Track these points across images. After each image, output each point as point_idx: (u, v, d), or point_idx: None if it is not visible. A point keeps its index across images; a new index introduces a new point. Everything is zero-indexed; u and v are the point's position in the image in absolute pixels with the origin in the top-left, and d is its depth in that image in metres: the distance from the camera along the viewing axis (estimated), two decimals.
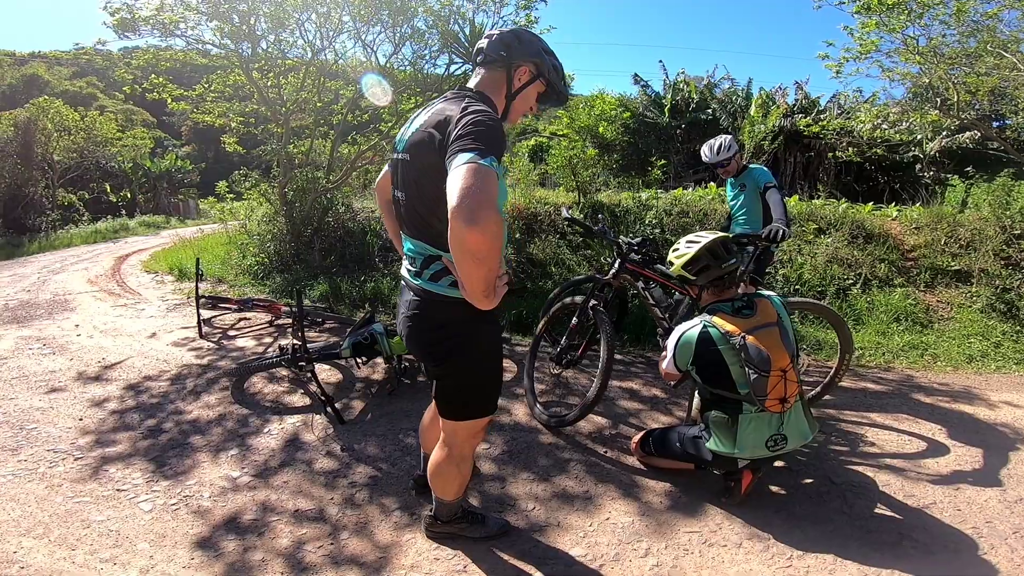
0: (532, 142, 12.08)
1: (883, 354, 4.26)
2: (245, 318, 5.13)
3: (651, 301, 3.02)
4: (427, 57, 5.63)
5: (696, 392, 2.47)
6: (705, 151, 3.67)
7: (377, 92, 5.37)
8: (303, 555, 2.14)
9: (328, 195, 6.41)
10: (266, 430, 3.08)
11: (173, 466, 2.75)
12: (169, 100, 6.10)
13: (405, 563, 2.08)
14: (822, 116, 8.48)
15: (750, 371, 2.06)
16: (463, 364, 1.72)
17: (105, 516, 2.36)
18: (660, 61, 11.79)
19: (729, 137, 3.65)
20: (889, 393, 3.45)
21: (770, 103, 9.19)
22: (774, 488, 2.40)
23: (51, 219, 15.97)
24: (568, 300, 3.11)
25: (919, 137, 7.73)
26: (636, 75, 11.25)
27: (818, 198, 7.16)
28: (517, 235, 6.21)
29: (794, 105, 9.87)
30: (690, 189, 7.66)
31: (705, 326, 2.16)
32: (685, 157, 9.82)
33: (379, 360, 3.64)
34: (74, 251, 11.44)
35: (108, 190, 16.53)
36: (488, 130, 1.40)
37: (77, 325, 5.03)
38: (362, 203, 7.56)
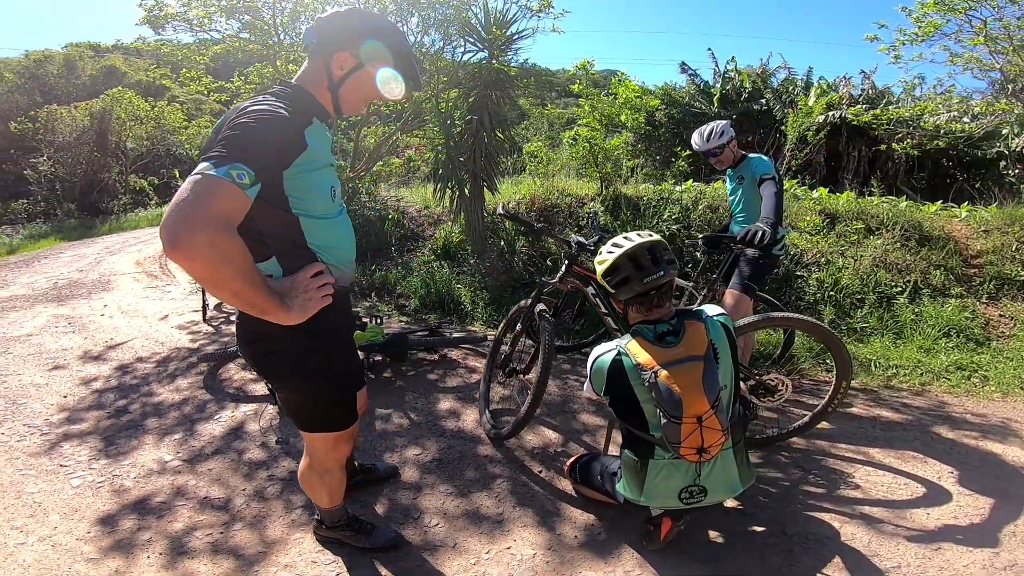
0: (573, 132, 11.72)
1: (920, 374, 3.66)
2: None
3: (603, 309, 2.64)
4: (450, 45, 5.53)
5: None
6: (695, 138, 3.29)
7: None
8: (189, 540, 2.11)
9: (350, 185, 6.47)
10: (216, 417, 3.09)
11: (119, 446, 2.82)
12: (206, 92, 6.40)
13: (281, 561, 2.00)
14: (894, 107, 7.53)
15: (661, 413, 1.73)
16: (291, 380, 1.61)
17: (38, 489, 2.45)
18: (709, 49, 11.09)
19: (723, 122, 3.25)
20: (905, 424, 2.93)
21: (831, 93, 8.30)
22: (713, 533, 2.06)
23: (122, 203, 17.36)
24: (522, 303, 2.85)
25: (1004, 131, 6.63)
26: (683, 64, 10.58)
27: (870, 195, 6.37)
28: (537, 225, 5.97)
29: (859, 96, 8.86)
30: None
31: (619, 353, 1.82)
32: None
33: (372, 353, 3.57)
34: (138, 233, 12.42)
35: (176, 175, 17.91)
36: (245, 133, 1.25)
37: (105, 305, 5.38)
38: (390, 192, 7.62)
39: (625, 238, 1.92)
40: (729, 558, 1.93)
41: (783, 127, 7.95)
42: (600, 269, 1.96)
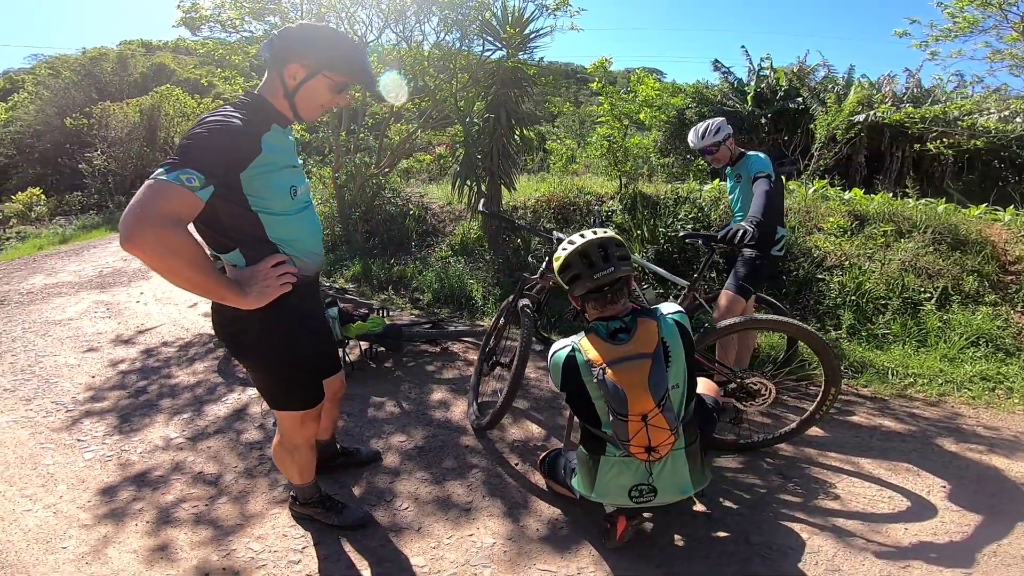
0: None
1: (940, 384, 3.47)
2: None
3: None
4: (468, 43, 5.61)
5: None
6: (691, 136, 3.23)
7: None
8: (176, 511, 2.26)
9: (375, 180, 6.65)
10: (224, 399, 3.27)
11: (132, 424, 3.02)
12: (240, 90, 6.71)
13: (255, 533, 2.12)
14: (929, 106, 7.11)
15: (609, 411, 1.73)
16: (255, 361, 1.77)
17: (53, 461, 2.66)
18: (743, 47, 10.64)
19: (719, 120, 3.18)
20: (907, 434, 2.80)
21: (873, 92, 7.91)
22: (676, 536, 2.03)
23: None
24: (511, 298, 2.89)
25: None
26: (716, 61, 10.28)
27: (905, 196, 6.06)
28: (548, 224, 6.00)
29: (903, 94, 8.40)
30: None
31: (573, 349, 1.84)
32: (769, 148, 8.81)
33: (353, 342, 3.69)
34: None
35: None
36: (196, 141, 1.40)
37: (142, 293, 5.73)
38: (415, 188, 7.77)
39: (580, 235, 1.92)
40: (685, 563, 1.90)
41: (831, 127, 7.66)
42: (555, 267, 1.97)
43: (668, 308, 1.88)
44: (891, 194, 6.34)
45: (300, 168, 1.74)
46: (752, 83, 9.87)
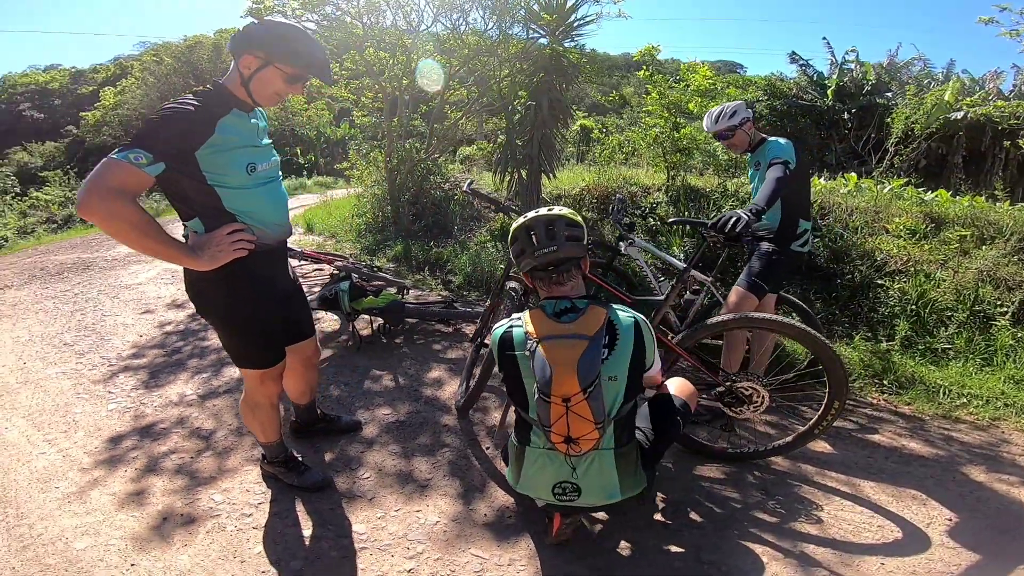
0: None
1: (997, 408, 3.04)
2: (320, 268, 5.74)
3: None
4: (511, 31, 5.60)
5: None
6: (705, 119, 3.01)
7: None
8: (164, 461, 2.44)
9: (424, 165, 6.80)
10: None
11: (158, 380, 3.29)
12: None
13: (223, 486, 2.26)
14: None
15: (536, 389, 1.65)
16: (213, 319, 1.95)
17: (81, 410, 2.96)
18: (824, 38, 9.72)
19: (737, 103, 2.93)
20: (931, 459, 2.46)
21: (976, 88, 6.99)
22: (624, 543, 1.91)
23: None
24: (501, 280, 2.85)
25: None
26: (794, 53, 9.50)
27: (992, 199, 5.33)
28: (587, 213, 5.85)
29: (1010, 92, 7.34)
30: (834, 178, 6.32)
31: (512, 325, 1.76)
32: (851, 145, 8.06)
33: (368, 316, 3.79)
34: None
35: (298, 153, 19.68)
36: (148, 126, 1.61)
37: None
38: (466, 174, 7.87)
39: (537, 211, 1.84)
40: (622, 571, 1.79)
41: (909, 122, 6.92)
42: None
43: (630, 311, 1.76)
44: (983, 197, 5.62)
45: (265, 148, 1.88)
46: (834, 76, 9.09)
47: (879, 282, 4.40)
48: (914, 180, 6.14)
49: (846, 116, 8.38)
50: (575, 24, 5.18)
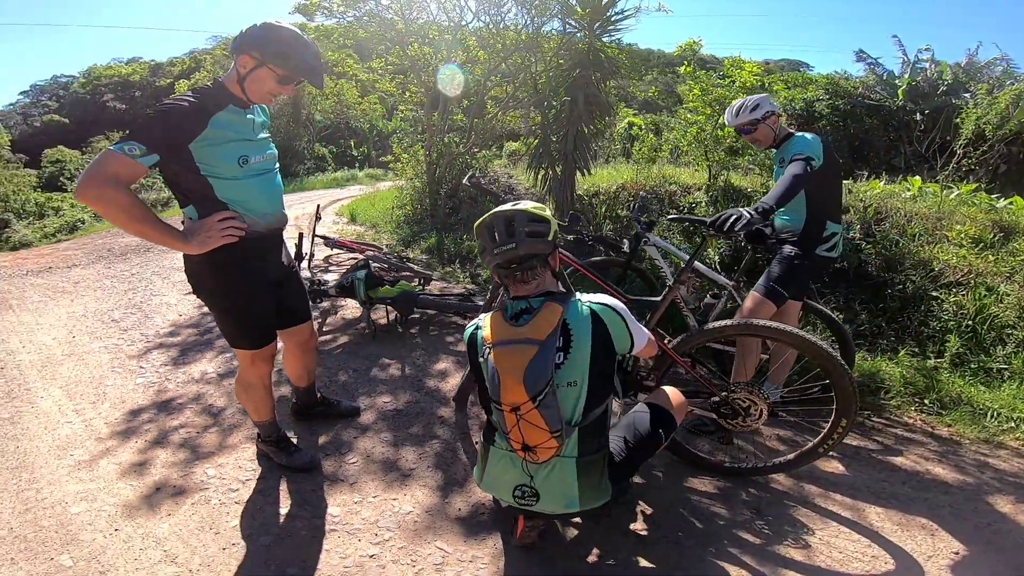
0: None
1: None
2: (355, 257, 5.90)
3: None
4: (548, 25, 5.56)
5: None
6: (726, 113, 2.86)
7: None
8: (172, 434, 2.59)
9: (462, 159, 6.87)
10: None
11: (186, 357, 3.49)
12: (350, 72, 7.33)
13: (219, 461, 2.37)
14: None
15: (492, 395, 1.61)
16: (206, 300, 2.06)
17: (112, 383, 3.17)
18: (895, 36, 8.90)
19: (761, 95, 2.76)
20: (956, 486, 2.22)
21: None
22: (596, 551, 1.85)
23: (307, 167, 20.28)
24: None
25: None
26: (861, 51, 8.85)
27: None
28: (621, 212, 5.72)
29: None
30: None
31: (477, 327, 1.72)
32: (924, 147, 7.42)
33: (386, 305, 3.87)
34: (312, 193, 14.56)
35: (352, 146, 20.32)
36: (144, 121, 1.74)
37: None
38: (504, 170, 7.89)
39: (499, 208, 1.78)
40: None
41: (980, 123, 6.34)
42: None
43: (595, 297, 1.68)
44: None
45: (261, 142, 1.98)
46: (906, 75, 8.43)
47: (933, 294, 4.05)
48: (987, 185, 5.61)
49: (918, 117, 7.75)
50: (613, 18, 5.04)
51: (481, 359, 1.64)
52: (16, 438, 2.55)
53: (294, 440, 2.43)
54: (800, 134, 2.68)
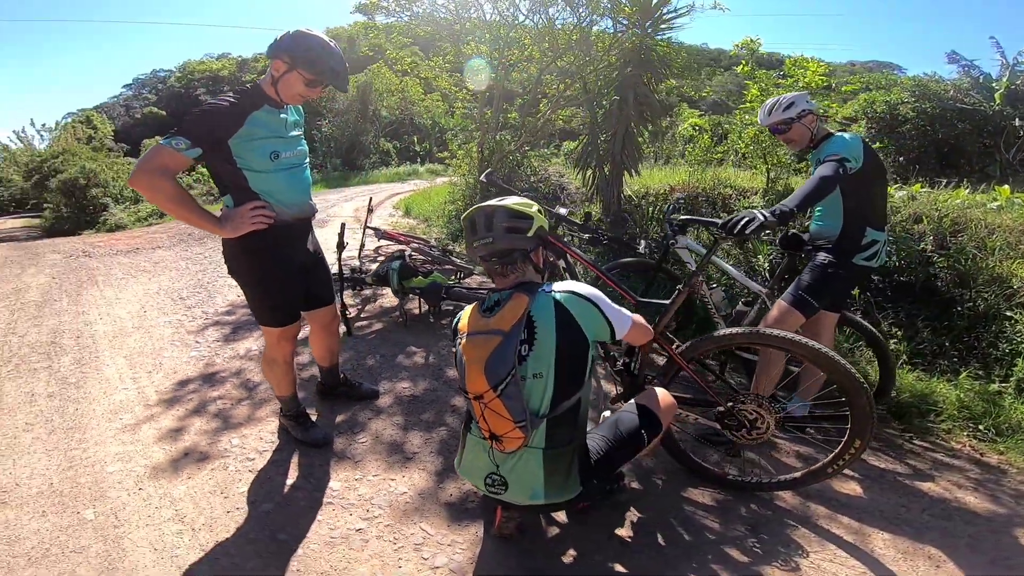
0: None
1: None
2: (403, 249, 6.11)
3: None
4: (599, 25, 5.53)
5: None
6: (759, 112, 2.73)
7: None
8: (209, 405, 2.83)
9: (512, 158, 6.96)
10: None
11: (237, 335, 3.79)
12: (409, 68, 7.59)
13: (244, 432, 2.58)
14: None
15: None
16: (237, 280, 2.25)
17: (169, 355, 3.50)
18: (992, 38, 7.90)
19: (797, 94, 2.61)
20: (985, 515, 2.01)
21: None
22: (573, 551, 1.85)
23: (372, 161, 21.06)
24: None
25: None
26: (953, 53, 8.05)
27: None
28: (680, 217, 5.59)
29: None
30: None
31: (459, 317, 1.78)
32: (1003, 155, 6.69)
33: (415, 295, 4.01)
34: (374, 187, 15.18)
35: (415, 141, 20.88)
36: (190, 118, 1.92)
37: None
38: (557, 168, 7.91)
39: (486, 202, 1.82)
40: None
41: None
42: None
43: (564, 286, 1.69)
44: None
45: (293, 139, 2.15)
46: (1004, 79, 7.65)
47: (1007, 314, 3.69)
48: None
49: (1017, 123, 6.98)
50: (665, 16, 4.92)
51: (454, 348, 1.70)
52: (77, 401, 2.88)
53: (313, 417, 2.59)
54: (839, 134, 2.53)
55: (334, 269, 3.93)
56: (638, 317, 1.84)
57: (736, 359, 3.37)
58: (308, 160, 2.28)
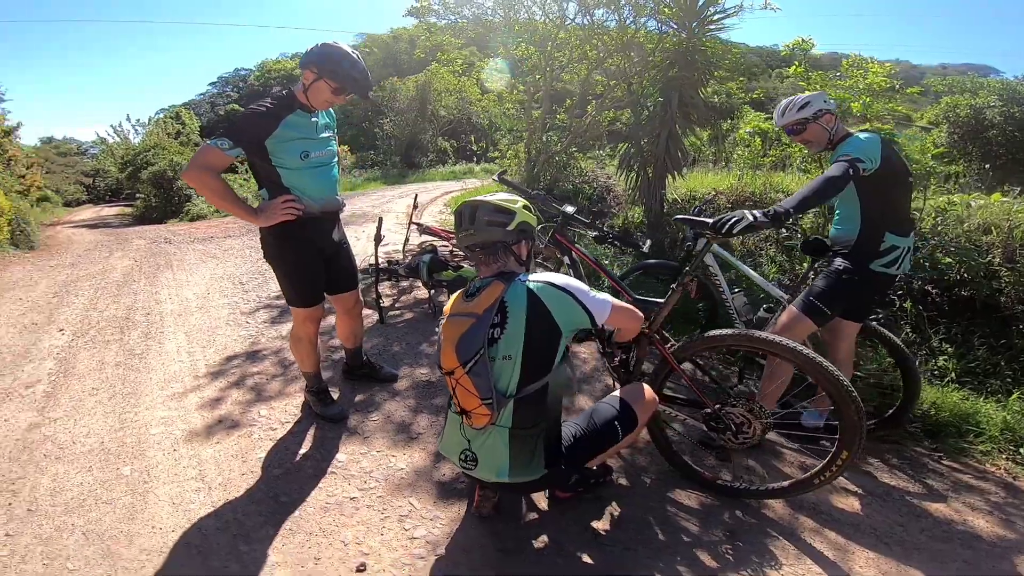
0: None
1: None
2: (446, 244, 6.34)
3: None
4: (644, 26, 5.50)
5: None
6: (775, 113, 2.67)
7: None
8: (247, 379, 3.13)
9: (558, 158, 7.04)
10: None
11: (282, 318, 4.12)
12: (462, 70, 7.83)
13: (273, 404, 2.85)
14: None
15: None
16: (271, 264, 2.49)
17: (223, 333, 3.86)
18: None
19: (813, 94, 2.54)
20: (992, 540, 1.90)
21: None
22: (544, 538, 1.93)
23: (430, 159, 21.66)
24: None
25: None
26: None
27: None
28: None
29: None
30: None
31: (449, 300, 1.94)
32: None
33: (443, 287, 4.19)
34: (430, 184, 15.59)
35: (472, 140, 21.24)
36: (234, 120, 2.23)
37: (363, 231, 7.29)
38: (604, 170, 7.90)
39: (473, 198, 1.96)
40: (523, 564, 1.82)
41: None
42: None
43: (540, 276, 1.78)
44: None
45: (322, 140, 2.39)
46: None
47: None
48: None
49: None
50: (713, 17, 4.83)
51: (437, 328, 1.86)
52: (138, 370, 3.27)
53: (335, 395, 2.82)
54: (856, 134, 2.45)
55: (371, 261, 4.22)
56: (620, 302, 1.90)
57: (754, 365, 3.31)
58: (336, 159, 2.51)
